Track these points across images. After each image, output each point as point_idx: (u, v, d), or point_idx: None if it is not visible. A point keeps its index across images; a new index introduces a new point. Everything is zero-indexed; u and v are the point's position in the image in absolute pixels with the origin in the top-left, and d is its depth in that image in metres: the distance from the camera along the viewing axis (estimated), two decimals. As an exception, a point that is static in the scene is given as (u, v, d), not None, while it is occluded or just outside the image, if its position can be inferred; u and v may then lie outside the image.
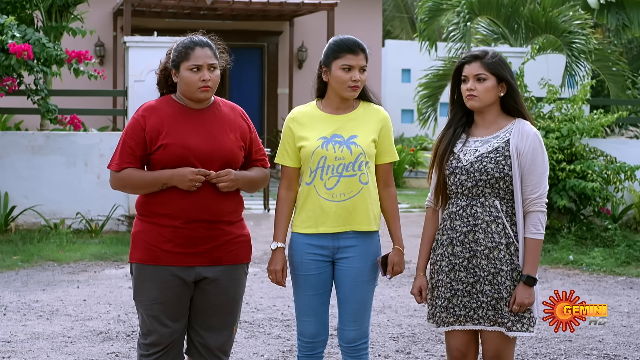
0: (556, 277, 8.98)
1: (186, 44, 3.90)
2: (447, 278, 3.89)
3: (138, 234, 3.93)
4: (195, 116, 3.92)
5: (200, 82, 3.87)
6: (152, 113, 3.91)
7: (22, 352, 5.95)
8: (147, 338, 3.93)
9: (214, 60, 3.92)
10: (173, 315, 3.91)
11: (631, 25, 13.03)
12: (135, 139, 3.87)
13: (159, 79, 4.03)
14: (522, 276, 3.79)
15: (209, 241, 3.89)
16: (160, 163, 3.86)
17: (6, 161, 10.95)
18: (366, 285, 4.06)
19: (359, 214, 4.01)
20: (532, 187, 3.81)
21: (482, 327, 3.84)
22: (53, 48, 10.35)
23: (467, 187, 3.85)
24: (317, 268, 4.07)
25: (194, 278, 3.90)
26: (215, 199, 3.89)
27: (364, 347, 4.10)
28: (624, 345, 6.30)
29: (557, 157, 10.59)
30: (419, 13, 12.96)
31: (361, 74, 4.01)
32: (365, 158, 4.00)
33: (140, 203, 3.95)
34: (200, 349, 3.98)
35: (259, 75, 18.65)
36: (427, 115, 13.71)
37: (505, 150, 3.83)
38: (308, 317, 4.10)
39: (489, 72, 3.86)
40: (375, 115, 4.08)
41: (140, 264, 3.91)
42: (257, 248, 9.99)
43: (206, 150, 3.87)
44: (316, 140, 4.02)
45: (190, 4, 15.82)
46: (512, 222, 3.84)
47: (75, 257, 9.50)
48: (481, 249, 3.82)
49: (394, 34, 28.65)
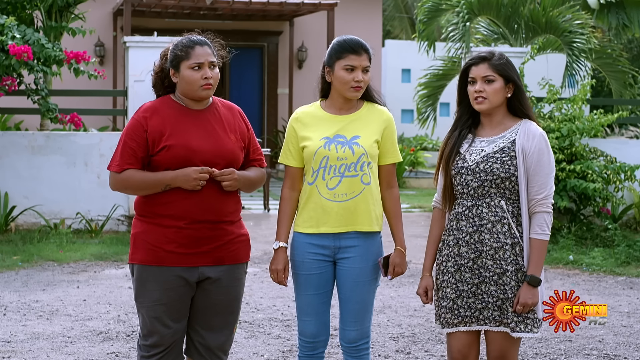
0: (556, 277, 8.98)
1: (185, 43, 3.91)
2: (452, 279, 3.89)
3: (139, 235, 3.91)
4: (197, 117, 3.92)
5: (202, 80, 3.87)
6: (153, 114, 3.90)
7: (22, 352, 5.95)
8: (148, 339, 3.92)
9: (213, 58, 3.93)
10: (175, 316, 3.91)
11: (631, 25, 13.02)
12: (136, 140, 3.86)
13: (155, 81, 4.02)
14: (526, 276, 3.79)
15: (212, 241, 3.90)
16: (163, 164, 3.86)
17: (6, 161, 10.95)
18: (367, 286, 4.06)
19: (360, 214, 4.01)
20: (537, 187, 3.81)
21: (487, 327, 3.84)
22: (52, 49, 10.35)
23: (473, 187, 3.85)
24: (318, 268, 4.07)
25: (197, 278, 3.90)
26: (218, 199, 3.89)
27: (365, 347, 4.10)
28: (624, 345, 6.30)
29: (557, 157, 10.58)
30: (418, 14, 12.96)
31: (364, 74, 4.01)
32: (367, 159, 4.01)
33: (140, 204, 3.94)
34: (200, 349, 3.98)
35: (259, 75, 18.66)
36: (427, 115, 13.72)
37: (511, 150, 3.83)
38: (309, 316, 4.10)
39: (497, 73, 3.86)
40: (378, 116, 4.08)
41: (142, 265, 3.90)
42: (257, 248, 10.00)
43: (209, 151, 3.87)
44: (319, 141, 4.03)
45: (190, 4, 15.82)
46: (517, 222, 3.83)
47: (75, 257, 9.50)
48: (487, 249, 3.82)
49: (394, 34, 28.66)
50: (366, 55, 4.01)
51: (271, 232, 11.27)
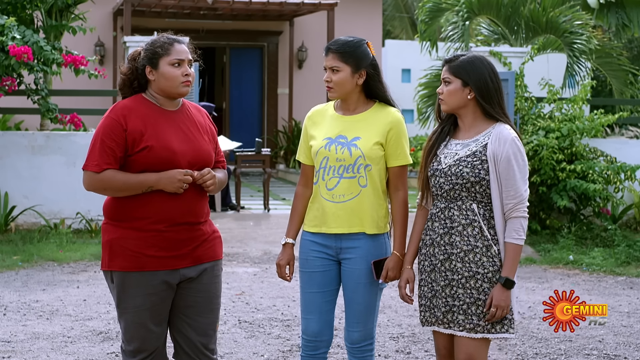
0: (556, 277, 8.98)
1: (165, 40, 3.89)
2: (429, 278, 3.90)
3: (116, 241, 3.82)
4: (172, 118, 3.90)
5: (182, 77, 3.85)
6: (130, 113, 3.84)
7: (22, 352, 5.95)
8: (132, 344, 3.88)
9: (191, 57, 3.92)
10: (157, 319, 3.89)
11: (631, 25, 13.01)
12: (115, 139, 3.79)
13: (122, 82, 3.96)
14: (500, 278, 3.78)
15: (191, 242, 3.88)
16: (142, 165, 3.79)
17: (6, 161, 10.95)
18: (369, 287, 4.04)
19: (356, 216, 4.01)
20: (511, 192, 3.79)
21: (451, 331, 3.85)
22: (50, 52, 10.34)
23: (445, 189, 3.86)
24: (322, 266, 4.07)
25: (178, 280, 3.89)
26: (195, 200, 3.88)
27: (369, 348, 4.09)
28: (624, 345, 6.30)
29: (557, 157, 10.59)
30: (419, 14, 12.94)
31: (333, 74, 4.01)
32: (364, 161, 3.99)
33: (113, 208, 3.85)
34: (187, 350, 3.95)
35: (259, 75, 18.66)
36: (427, 115, 13.70)
37: (483, 154, 3.82)
38: (311, 314, 4.10)
39: (453, 75, 3.87)
40: (384, 118, 4.05)
41: (123, 272, 3.83)
42: (257, 248, 9.99)
43: (187, 152, 3.85)
44: (322, 140, 4.05)
45: (190, 4, 15.82)
46: (489, 225, 3.82)
47: (75, 257, 9.50)
48: (457, 251, 3.82)
49: (394, 34, 28.64)
50: (332, 55, 4.00)
51: (271, 232, 11.29)
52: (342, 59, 4.01)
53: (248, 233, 10.82)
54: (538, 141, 10.64)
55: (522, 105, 11.12)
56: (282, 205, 13.51)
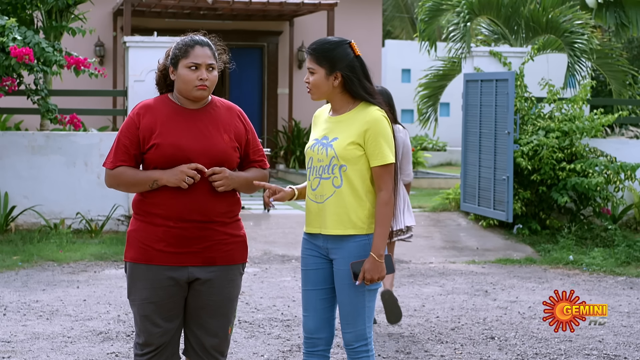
0: (556, 277, 8.98)
1: (187, 42, 3.92)
2: None
3: (132, 233, 3.95)
4: (190, 116, 3.92)
5: (197, 81, 3.87)
6: (147, 112, 3.92)
7: (22, 352, 5.95)
8: (140, 337, 3.95)
9: (212, 61, 3.92)
10: (166, 315, 3.91)
11: (630, 25, 13.01)
12: (129, 137, 3.89)
13: (158, 79, 4.03)
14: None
15: (201, 241, 3.89)
16: (153, 162, 3.88)
17: (6, 161, 10.95)
18: (354, 288, 4.01)
19: (329, 217, 4.01)
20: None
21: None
22: (52, 53, 10.33)
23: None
24: (314, 263, 4.10)
25: (186, 278, 3.90)
26: (208, 199, 3.88)
27: (364, 349, 4.07)
28: (624, 345, 6.30)
29: (557, 157, 10.59)
30: (419, 13, 12.93)
31: (311, 75, 4.04)
32: (338, 162, 3.99)
33: (136, 202, 3.97)
34: (197, 349, 3.98)
35: (259, 75, 18.65)
36: (428, 115, 13.71)
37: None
38: (307, 311, 4.13)
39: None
40: (362, 118, 4.00)
41: (133, 263, 3.93)
42: (257, 248, 9.99)
43: (198, 150, 3.86)
44: (311, 141, 4.11)
45: (190, 4, 15.81)
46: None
47: (75, 257, 9.49)
48: None
49: (394, 34, 28.65)
50: (309, 57, 4.03)
51: (271, 232, 11.30)
52: (317, 61, 4.01)
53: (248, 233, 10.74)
54: (538, 141, 10.65)
55: (522, 105, 11.12)
56: (282, 205, 13.51)
